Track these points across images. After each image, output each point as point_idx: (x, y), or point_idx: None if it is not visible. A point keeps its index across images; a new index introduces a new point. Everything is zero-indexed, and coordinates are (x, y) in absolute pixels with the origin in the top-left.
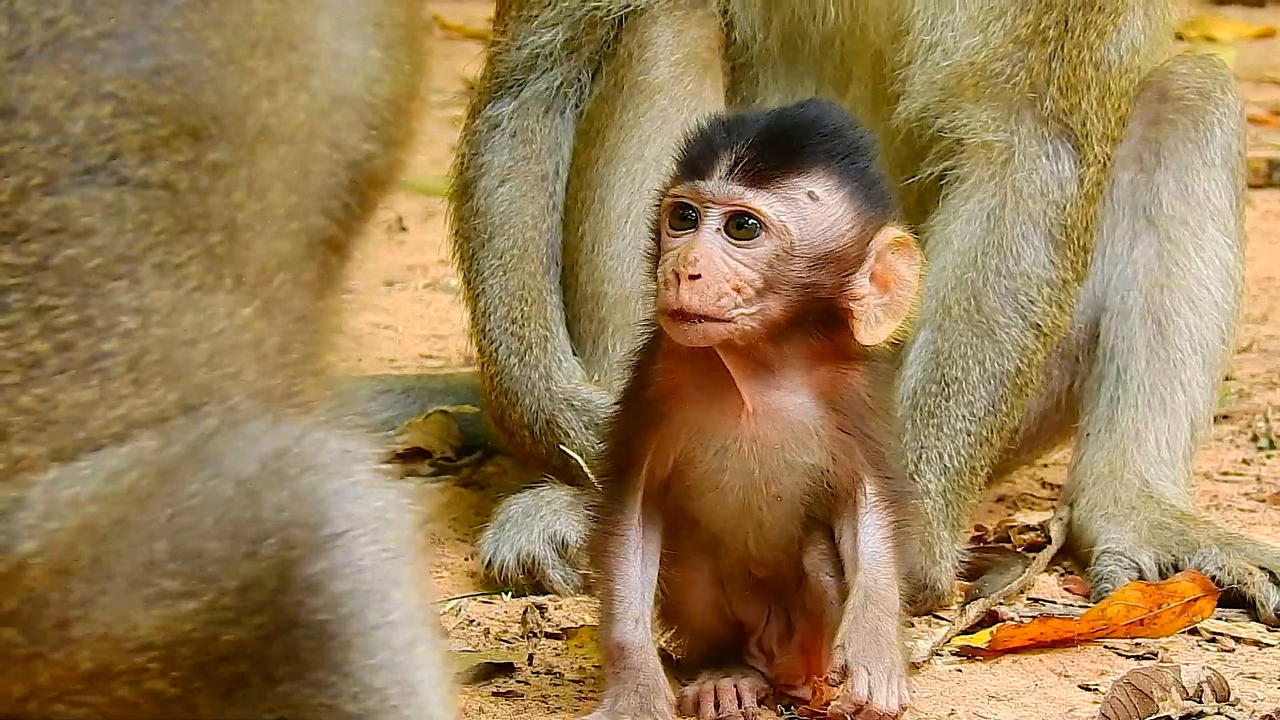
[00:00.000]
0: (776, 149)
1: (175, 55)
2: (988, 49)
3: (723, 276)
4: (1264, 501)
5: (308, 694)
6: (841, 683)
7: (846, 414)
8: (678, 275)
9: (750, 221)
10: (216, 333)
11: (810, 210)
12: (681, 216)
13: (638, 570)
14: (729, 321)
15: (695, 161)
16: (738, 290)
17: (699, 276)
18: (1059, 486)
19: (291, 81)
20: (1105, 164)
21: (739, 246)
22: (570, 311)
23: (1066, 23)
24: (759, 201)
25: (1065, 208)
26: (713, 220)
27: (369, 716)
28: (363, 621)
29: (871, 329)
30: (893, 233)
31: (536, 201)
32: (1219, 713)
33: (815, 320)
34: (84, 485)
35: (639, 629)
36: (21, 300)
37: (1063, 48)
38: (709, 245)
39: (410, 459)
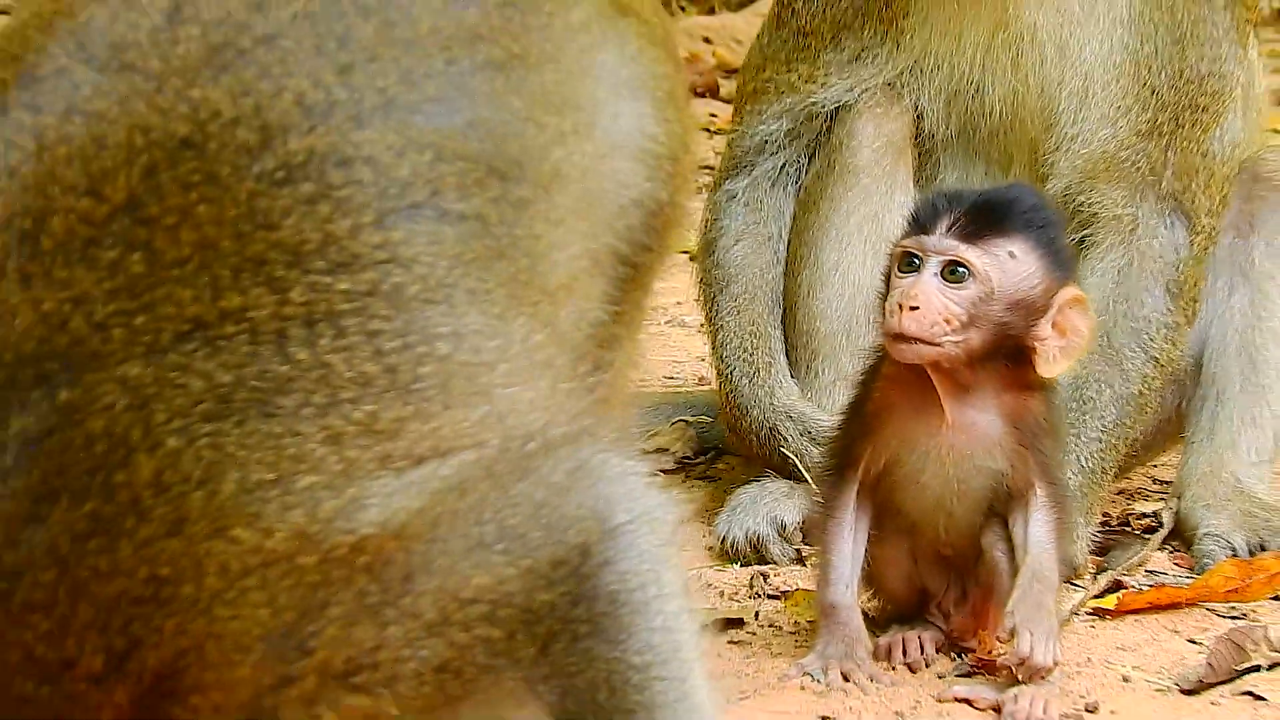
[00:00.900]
0: (986, 216)
1: (484, 113)
2: (1116, 140)
3: (936, 310)
4: None
5: (603, 649)
6: (1009, 641)
7: (1025, 431)
8: (901, 306)
9: (961, 269)
10: (514, 355)
11: (1009, 265)
12: (908, 263)
13: (850, 546)
14: (938, 345)
15: (922, 221)
16: (947, 322)
17: (918, 308)
18: (1168, 482)
19: (577, 133)
20: (1211, 233)
21: (951, 288)
22: (789, 343)
23: (1178, 120)
24: (970, 254)
25: (1179, 267)
26: (932, 266)
27: (647, 668)
28: (644, 593)
29: (1050, 365)
30: (1072, 291)
31: (763, 257)
32: None
33: (1005, 354)
34: (416, 488)
35: (848, 592)
36: (357, 324)
37: (1176, 140)
38: (928, 285)
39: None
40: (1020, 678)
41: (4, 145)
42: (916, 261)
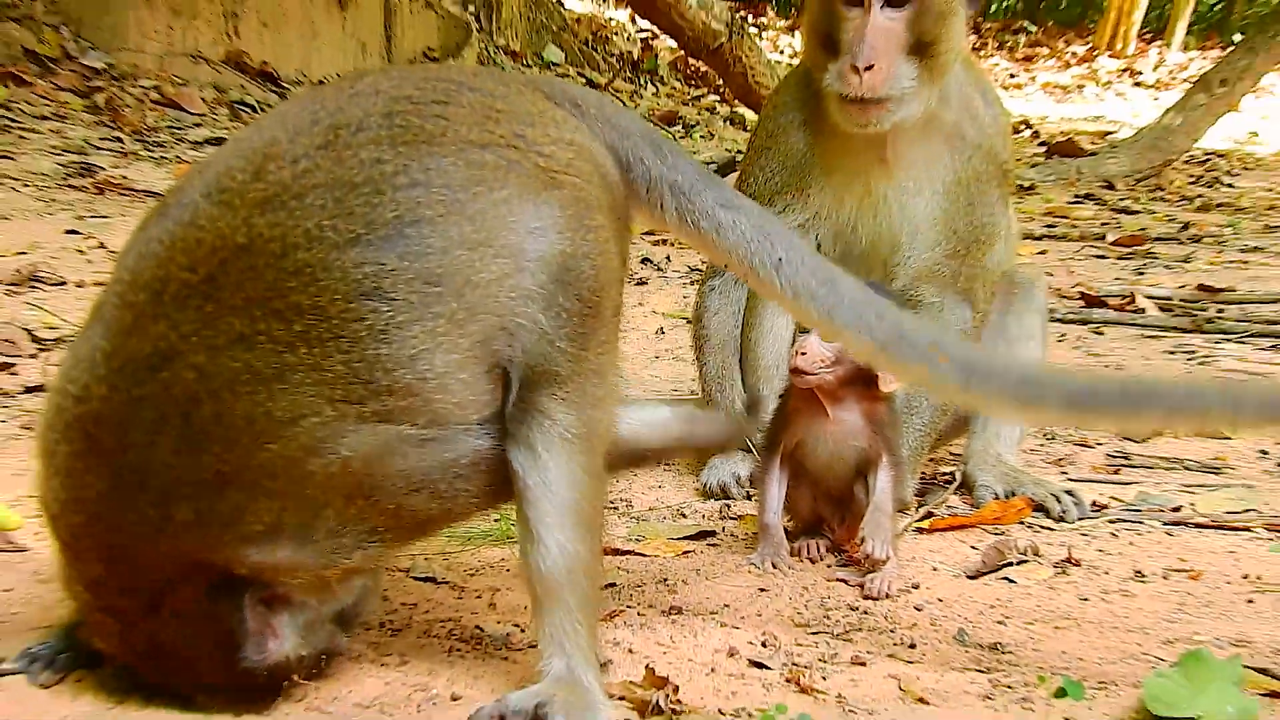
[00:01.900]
0: None
1: (412, 247)
2: (933, 260)
3: (816, 354)
4: (1050, 464)
5: None
6: (861, 544)
7: (876, 424)
8: (796, 353)
9: None
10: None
11: None
12: (802, 330)
13: (777, 489)
14: (816, 376)
15: None
16: (822, 362)
17: (805, 354)
18: (960, 455)
19: (484, 260)
20: (985, 313)
21: (825, 342)
22: (743, 373)
23: (969, 249)
24: None
25: (968, 333)
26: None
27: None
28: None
29: (887, 386)
30: None
31: (729, 324)
32: (1035, 560)
33: (861, 379)
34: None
35: (776, 517)
36: (331, 330)
37: (967, 260)
38: (812, 340)
39: None
40: (867, 566)
41: (152, 240)
42: (806, 330)
